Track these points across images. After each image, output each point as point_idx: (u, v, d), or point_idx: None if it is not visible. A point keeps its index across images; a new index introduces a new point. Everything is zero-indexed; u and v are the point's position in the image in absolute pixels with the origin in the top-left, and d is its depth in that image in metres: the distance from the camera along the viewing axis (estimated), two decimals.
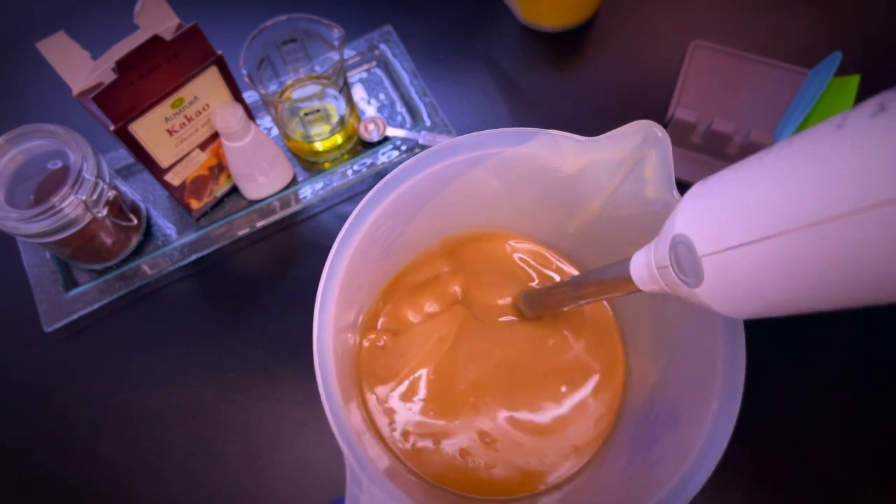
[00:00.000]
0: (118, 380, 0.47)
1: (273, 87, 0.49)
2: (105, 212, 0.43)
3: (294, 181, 0.52)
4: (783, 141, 0.19)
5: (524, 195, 0.38)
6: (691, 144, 0.50)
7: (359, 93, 0.55)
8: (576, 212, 0.37)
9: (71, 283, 0.49)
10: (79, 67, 0.39)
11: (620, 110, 0.53)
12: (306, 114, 0.49)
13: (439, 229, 0.41)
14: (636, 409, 0.37)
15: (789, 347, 0.45)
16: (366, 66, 0.56)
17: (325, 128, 0.50)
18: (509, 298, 0.41)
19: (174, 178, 0.46)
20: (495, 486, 0.37)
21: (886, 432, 0.43)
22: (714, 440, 0.28)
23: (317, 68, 0.50)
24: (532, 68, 0.57)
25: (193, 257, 0.49)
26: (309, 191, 0.51)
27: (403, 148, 0.52)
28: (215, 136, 0.47)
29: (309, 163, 0.53)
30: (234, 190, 0.52)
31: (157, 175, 0.45)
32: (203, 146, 0.46)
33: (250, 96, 0.52)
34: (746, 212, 0.19)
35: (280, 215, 0.51)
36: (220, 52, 0.42)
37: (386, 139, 0.53)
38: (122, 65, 0.37)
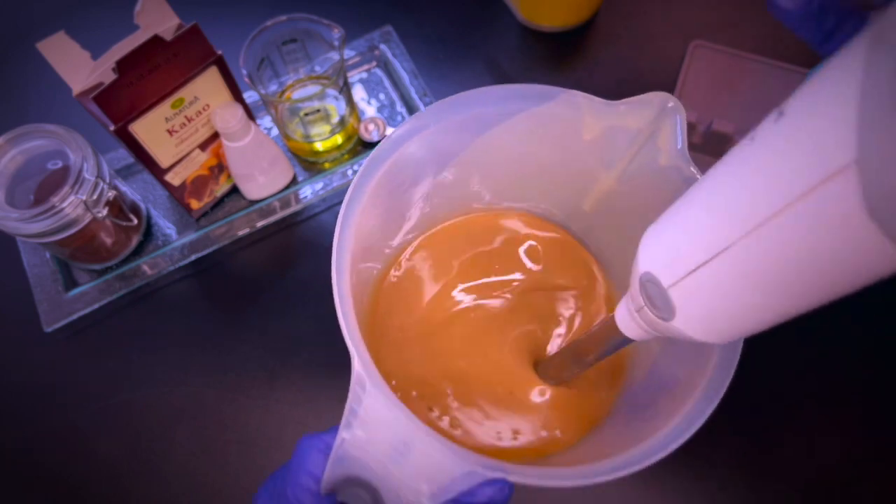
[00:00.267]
0: (118, 380, 0.47)
1: (273, 87, 0.49)
2: (105, 212, 0.43)
3: (294, 181, 0.52)
4: (718, 161, 0.20)
5: (544, 164, 0.38)
6: (691, 144, 0.50)
7: (359, 93, 0.55)
8: (592, 186, 0.38)
9: (71, 283, 0.49)
10: (79, 67, 0.39)
11: None
12: (306, 114, 0.49)
13: (465, 196, 0.42)
14: (636, 385, 0.37)
15: (791, 343, 0.45)
16: (366, 66, 0.56)
17: (325, 128, 0.50)
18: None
19: (174, 178, 0.46)
20: (499, 451, 0.37)
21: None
22: (707, 396, 0.28)
23: (317, 68, 0.50)
24: (532, 68, 0.57)
25: (193, 257, 0.49)
26: (309, 191, 0.51)
27: None
28: (215, 136, 0.47)
29: (309, 163, 0.53)
30: (234, 190, 0.52)
31: (157, 175, 0.45)
32: (203, 146, 0.46)
33: (250, 96, 0.52)
34: (695, 235, 0.21)
35: (280, 215, 0.51)
36: (220, 52, 0.42)
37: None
38: (122, 65, 0.37)
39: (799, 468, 0.43)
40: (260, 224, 0.50)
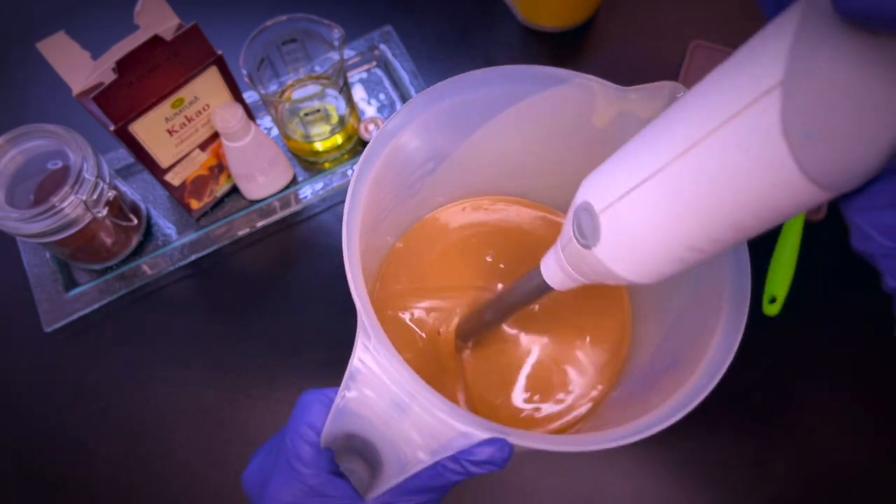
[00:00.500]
0: (118, 380, 0.47)
1: (273, 87, 0.49)
2: (105, 212, 0.43)
3: (294, 181, 0.52)
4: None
5: (553, 150, 0.39)
6: None
7: (359, 93, 0.55)
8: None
9: (71, 283, 0.49)
10: (79, 67, 0.39)
11: None
12: (306, 114, 0.49)
13: (470, 182, 0.42)
14: (640, 364, 0.38)
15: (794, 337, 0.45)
16: (366, 66, 0.56)
17: (325, 128, 0.50)
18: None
19: (174, 178, 0.46)
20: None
21: None
22: (710, 371, 0.28)
23: (317, 68, 0.50)
24: None
25: (193, 257, 0.49)
26: (309, 191, 0.51)
27: None
28: (215, 136, 0.47)
29: (309, 163, 0.53)
30: (234, 190, 0.52)
31: (158, 175, 0.45)
32: (203, 146, 0.46)
33: (250, 96, 0.52)
34: (629, 163, 0.24)
35: (280, 215, 0.51)
36: (220, 52, 0.42)
37: None
38: (122, 65, 0.37)
39: (799, 468, 0.43)
40: (260, 224, 0.50)
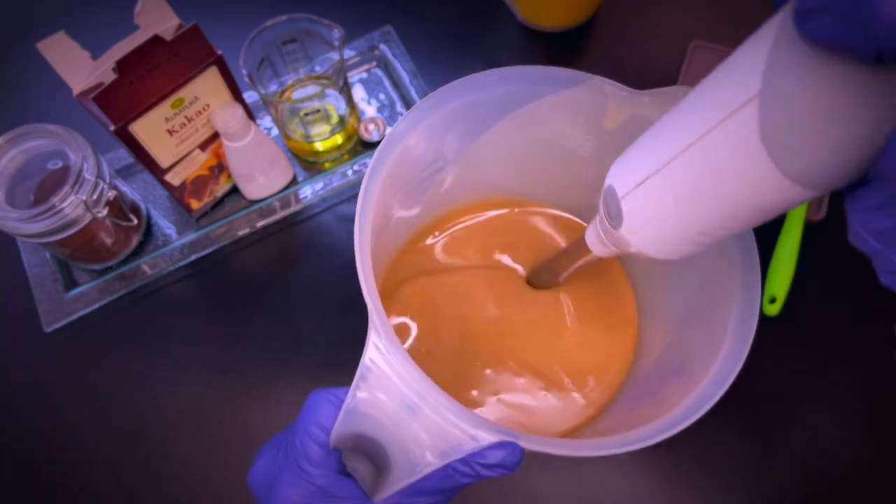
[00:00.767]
0: (118, 380, 0.47)
1: (273, 87, 0.49)
2: (105, 212, 0.43)
3: (294, 181, 0.52)
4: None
5: (563, 155, 0.39)
6: None
7: (359, 93, 0.55)
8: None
9: (71, 283, 0.49)
10: (79, 67, 0.39)
11: None
12: (306, 114, 0.49)
13: (479, 183, 0.43)
14: (645, 368, 0.38)
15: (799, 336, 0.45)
16: (366, 66, 0.56)
17: (325, 128, 0.50)
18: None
19: (174, 178, 0.46)
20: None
21: None
22: (719, 379, 0.29)
23: (317, 68, 0.50)
24: None
25: (193, 257, 0.49)
26: (309, 191, 0.51)
27: None
28: (215, 136, 0.47)
29: (309, 163, 0.53)
30: (234, 190, 0.52)
31: (158, 175, 0.45)
32: (203, 146, 0.46)
33: (250, 96, 0.52)
34: (644, 155, 0.26)
35: (280, 215, 0.51)
36: (220, 52, 0.42)
37: None
38: (122, 65, 0.37)
39: (799, 468, 0.43)
40: (260, 224, 0.50)
